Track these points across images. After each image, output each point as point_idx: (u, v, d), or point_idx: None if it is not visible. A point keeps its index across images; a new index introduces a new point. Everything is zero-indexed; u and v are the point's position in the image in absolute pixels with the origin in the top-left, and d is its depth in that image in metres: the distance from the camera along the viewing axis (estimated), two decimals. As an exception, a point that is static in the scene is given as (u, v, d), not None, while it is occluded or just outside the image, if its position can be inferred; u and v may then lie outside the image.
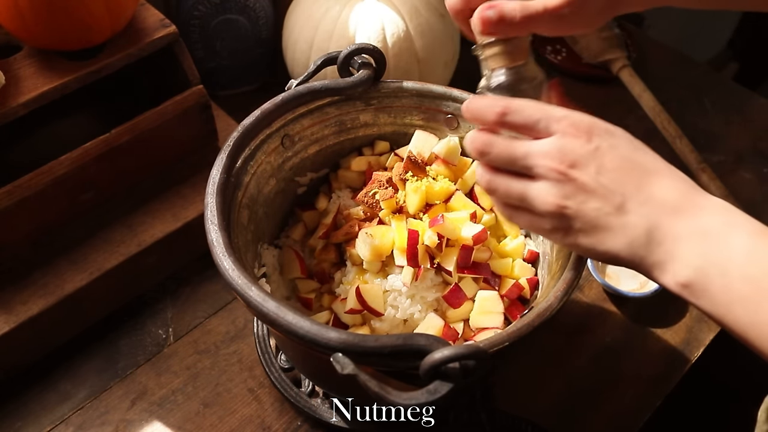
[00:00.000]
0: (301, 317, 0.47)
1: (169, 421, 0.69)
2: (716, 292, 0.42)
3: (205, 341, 0.75)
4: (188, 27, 0.90)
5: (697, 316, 0.79)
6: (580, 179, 0.44)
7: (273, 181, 0.67)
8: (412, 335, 0.45)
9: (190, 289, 0.80)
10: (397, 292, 0.62)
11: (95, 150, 0.71)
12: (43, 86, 0.67)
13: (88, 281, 0.71)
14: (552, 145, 0.45)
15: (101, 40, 0.69)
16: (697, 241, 0.42)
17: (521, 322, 0.50)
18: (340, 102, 0.69)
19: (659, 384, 0.74)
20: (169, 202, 0.78)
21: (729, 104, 1.06)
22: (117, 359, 0.73)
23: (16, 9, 0.64)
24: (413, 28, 0.85)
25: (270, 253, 0.68)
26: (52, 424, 0.68)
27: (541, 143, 0.46)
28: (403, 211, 0.65)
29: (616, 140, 0.45)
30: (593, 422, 0.71)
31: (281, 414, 0.70)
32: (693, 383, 0.78)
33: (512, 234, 0.69)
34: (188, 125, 0.79)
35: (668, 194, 0.44)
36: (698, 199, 0.44)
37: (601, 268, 0.82)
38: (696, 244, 0.42)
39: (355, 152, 0.74)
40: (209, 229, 0.53)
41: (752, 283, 0.40)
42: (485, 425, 0.66)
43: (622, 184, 0.44)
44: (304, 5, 0.89)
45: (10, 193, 0.67)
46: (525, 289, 0.65)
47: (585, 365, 0.75)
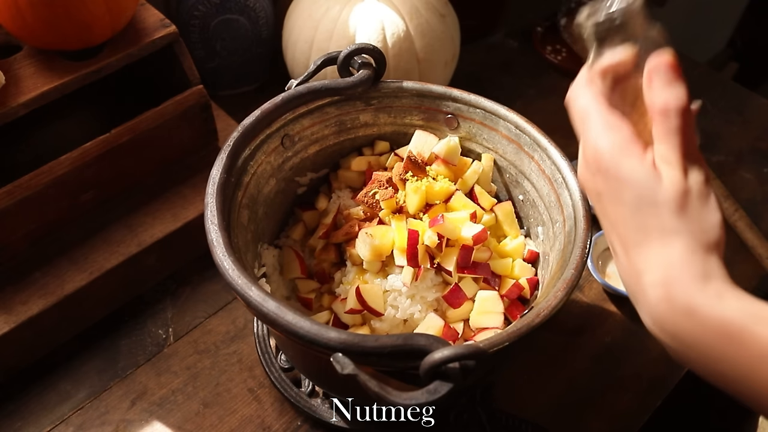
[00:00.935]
0: (301, 317, 0.47)
1: (169, 421, 0.69)
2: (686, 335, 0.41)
3: (205, 341, 0.75)
4: (188, 27, 0.90)
5: (697, 316, 0.79)
6: (590, 196, 0.46)
7: (273, 181, 0.67)
8: (412, 335, 0.45)
9: (190, 289, 0.80)
10: (397, 292, 0.62)
11: (95, 150, 0.71)
12: (43, 86, 0.67)
13: (88, 281, 0.71)
14: (579, 155, 0.46)
15: (101, 40, 0.69)
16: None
17: (521, 322, 0.49)
18: (340, 102, 0.69)
19: (659, 384, 0.74)
20: (169, 202, 0.78)
21: (729, 104, 1.06)
22: (117, 359, 0.73)
23: (16, 9, 0.64)
24: (413, 28, 0.85)
25: (270, 253, 0.68)
26: (52, 424, 0.68)
27: (580, 143, 0.46)
28: (403, 211, 0.65)
29: (620, 192, 0.43)
30: (593, 422, 0.71)
31: (281, 414, 0.70)
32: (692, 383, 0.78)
33: (512, 234, 0.69)
34: (188, 125, 0.79)
35: (654, 270, 0.41)
36: (684, 287, 0.40)
37: (601, 268, 0.82)
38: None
39: (355, 152, 0.74)
40: (209, 229, 0.53)
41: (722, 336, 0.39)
42: (485, 425, 0.66)
43: (619, 237, 0.44)
44: (304, 5, 0.89)
45: (10, 193, 0.67)
46: (525, 289, 0.64)
47: (585, 365, 0.75)
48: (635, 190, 0.42)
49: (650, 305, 0.42)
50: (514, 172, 0.68)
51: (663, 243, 0.41)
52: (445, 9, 0.90)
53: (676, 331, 0.41)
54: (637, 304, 0.44)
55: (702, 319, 0.39)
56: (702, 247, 0.41)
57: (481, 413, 0.67)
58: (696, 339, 0.40)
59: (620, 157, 0.42)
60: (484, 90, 0.69)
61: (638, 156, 0.42)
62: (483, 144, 0.70)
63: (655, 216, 0.41)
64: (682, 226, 0.41)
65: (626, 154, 0.42)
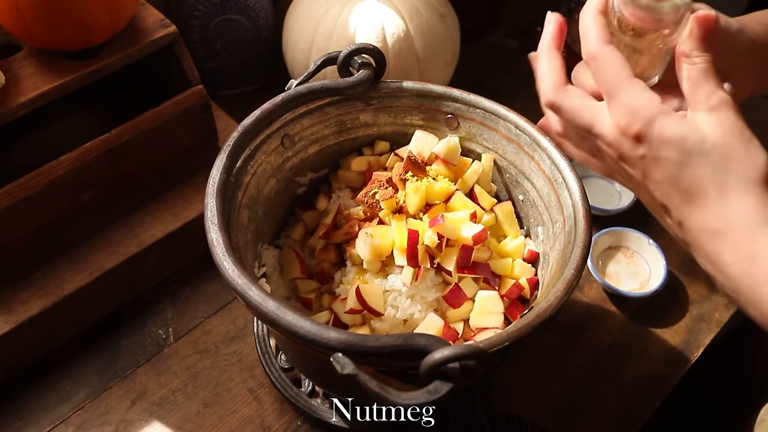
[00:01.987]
0: (301, 317, 0.47)
1: (169, 421, 0.69)
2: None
3: (205, 341, 0.75)
4: (188, 27, 0.90)
5: (697, 316, 0.79)
6: (628, 172, 0.46)
7: (273, 181, 0.67)
8: (412, 335, 0.45)
9: (190, 289, 0.80)
10: (397, 292, 0.62)
11: (95, 150, 0.71)
12: (43, 86, 0.67)
13: (88, 281, 0.71)
14: (607, 131, 0.46)
15: (101, 40, 0.69)
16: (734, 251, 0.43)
17: (521, 322, 0.49)
18: (340, 102, 0.69)
19: (659, 384, 0.74)
20: (169, 202, 0.78)
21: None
22: (117, 359, 0.73)
23: (16, 9, 0.64)
24: (413, 28, 0.85)
25: (270, 253, 0.68)
26: (52, 424, 0.68)
27: (601, 123, 0.46)
28: (403, 211, 0.65)
29: (666, 153, 0.43)
30: (593, 422, 0.71)
31: (281, 414, 0.70)
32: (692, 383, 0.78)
33: (512, 234, 0.69)
34: (188, 125, 0.79)
35: (711, 219, 0.43)
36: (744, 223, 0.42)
37: (601, 268, 0.82)
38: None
39: (355, 152, 0.74)
40: (209, 229, 0.53)
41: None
42: (485, 425, 0.66)
43: (666, 197, 0.44)
44: (304, 5, 0.89)
45: (10, 193, 0.67)
46: (525, 289, 0.64)
47: (585, 365, 0.75)
48: (681, 143, 0.43)
49: (714, 257, 0.43)
50: (514, 172, 0.68)
51: (720, 192, 0.42)
52: (445, 9, 0.90)
53: (742, 279, 0.42)
54: (700, 258, 0.44)
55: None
56: (758, 186, 0.42)
57: (481, 413, 0.67)
58: (761, 285, 0.41)
59: (660, 117, 0.43)
60: (484, 90, 0.69)
61: (674, 113, 0.44)
62: (483, 144, 0.70)
63: (706, 165, 0.42)
64: (734, 169, 0.42)
65: (664, 113, 0.43)
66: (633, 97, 0.44)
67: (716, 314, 0.80)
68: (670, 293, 0.81)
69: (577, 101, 0.49)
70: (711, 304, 0.80)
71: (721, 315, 0.79)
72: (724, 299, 0.81)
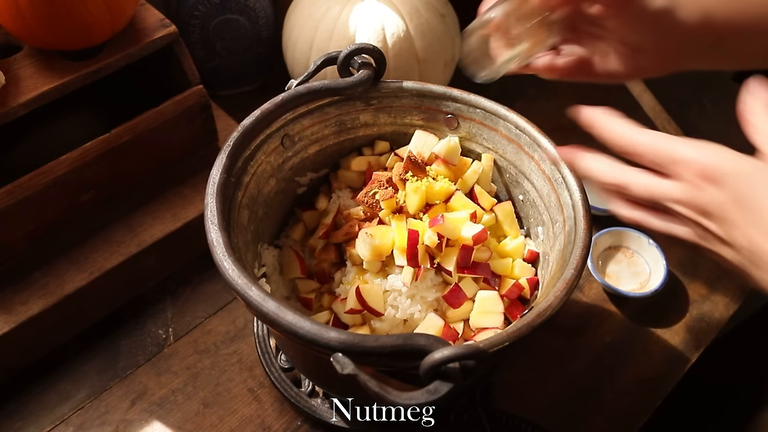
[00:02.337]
0: (301, 317, 0.47)
1: (169, 421, 0.69)
2: None
3: (205, 341, 0.75)
4: (188, 27, 0.90)
5: (697, 316, 0.79)
6: (712, 230, 0.44)
7: (273, 181, 0.67)
8: (412, 335, 0.45)
9: (190, 289, 0.80)
10: (397, 292, 0.62)
11: (95, 150, 0.71)
12: (43, 86, 0.67)
13: (88, 281, 0.71)
14: (683, 194, 0.44)
15: (101, 40, 0.69)
16: None
17: (521, 322, 0.49)
18: (340, 102, 0.69)
19: (659, 384, 0.74)
20: (169, 202, 0.78)
21: (729, 104, 1.06)
22: (117, 359, 0.73)
23: (16, 9, 0.64)
24: (413, 28, 0.85)
25: (270, 253, 0.68)
26: (52, 424, 0.68)
27: (673, 188, 0.45)
28: (403, 211, 0.65)
29: (745, 185, 0.41)
30: (593, 422, 0.71)
31: (281, 414, 0.70)
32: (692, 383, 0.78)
33: (512, 234, 0.69)
34: (188, 125, 0.79)
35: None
36: None
37: (601, 268, 0.82)
38: None
39: (355, 152, 0.74)
40: (209, 229, 0.53)
41: None
42: (485, 425, 0.66)
43: (753, 243, 0.42)
44: (304, 5, 0.89)
45: (10, 193, 0.67)
46: (525, 289, 0.64)
47: (585, 365, 0.75)
48: (753, 173, 0.42)
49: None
50: (514, 172, 0.68)
51: None
52: (445, 9, 0.90)
53: None
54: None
55: None
56: None
57: (481, 413, 0.67)
58: None
59: (724, 158, 0.42)
60: (484, 90, 0.69)
61: (729, 150, 0.43)
62: (483, 144, 0.70)
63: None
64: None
65: (725, 153, 0.43)
66: (690, 147, 0.44)
67: (716, 314, 0.80)
68: (670, 293, 0.81)
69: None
70: (711, 304, 0.80)
71: (721, 315, 0.80)
72: (724, 299, 0.81)
